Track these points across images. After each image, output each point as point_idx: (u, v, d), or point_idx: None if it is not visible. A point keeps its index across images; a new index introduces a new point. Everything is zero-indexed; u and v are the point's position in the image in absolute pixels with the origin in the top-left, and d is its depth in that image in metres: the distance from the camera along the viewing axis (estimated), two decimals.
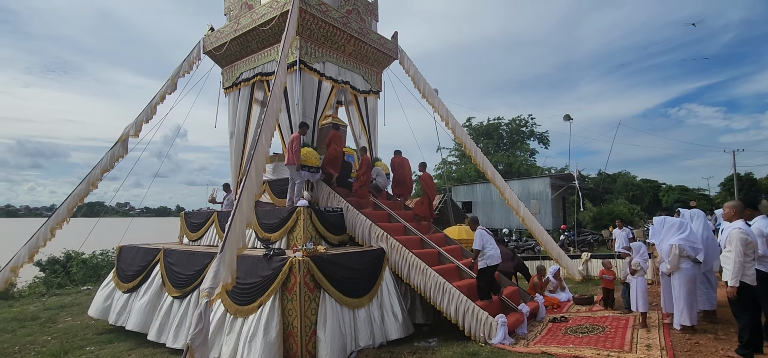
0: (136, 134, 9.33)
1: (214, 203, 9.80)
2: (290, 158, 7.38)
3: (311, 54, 8.43)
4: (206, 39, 9.86)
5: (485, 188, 25.37)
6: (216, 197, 9.83)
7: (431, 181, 9.12)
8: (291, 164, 7.42)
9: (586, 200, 27.45)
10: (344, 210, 7.68)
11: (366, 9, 9.85)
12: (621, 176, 36.98)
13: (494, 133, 38.08)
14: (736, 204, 4.93)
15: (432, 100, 10.54)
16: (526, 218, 11.00)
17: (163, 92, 9.46)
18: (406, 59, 10.51)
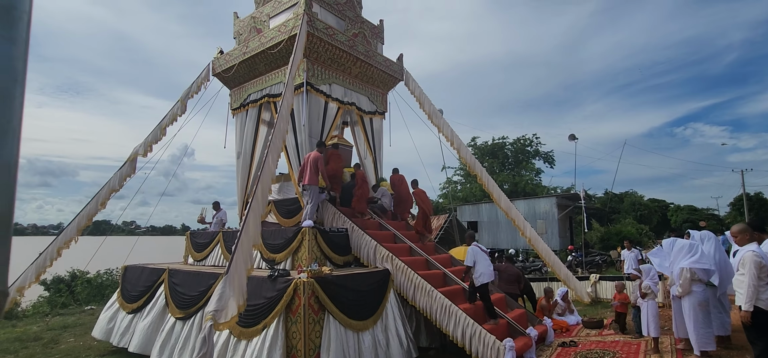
0: (144, 154, 9.45)
1: (203, 223, 9.74)
2: (312, 178, 7.37)
3: (318, 76, 8.56)
4: (215, 61, 10.07)
5: (491, 207, 25.20)
6: (205, 217, 9.76)
7: (425, 196, 9.17)
8: (312, 184, 7.41)
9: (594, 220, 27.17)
10: (349, 230, 7.65)
11: (372, 32, 10.04)
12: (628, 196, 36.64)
13: (499, 152, 38.07)
14: (743, 228, 4.85)
15: (437, 120, 10.61)
16: (532, 238, 10.89)
17: (173, 114, 9.62)
18: (411, 80, 10.64)
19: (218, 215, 9.76)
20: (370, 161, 10.17)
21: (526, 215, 20.71)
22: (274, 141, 6.27)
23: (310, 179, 7.39)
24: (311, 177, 7.39)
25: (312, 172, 7.40)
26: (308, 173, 7.40)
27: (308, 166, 7.44)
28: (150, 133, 9.65)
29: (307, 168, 7.43)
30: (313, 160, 7.46)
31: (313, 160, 7.46)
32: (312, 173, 7.39)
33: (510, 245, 23.81)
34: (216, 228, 9.48)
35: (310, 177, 7.39)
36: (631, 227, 26.51)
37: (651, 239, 25.31)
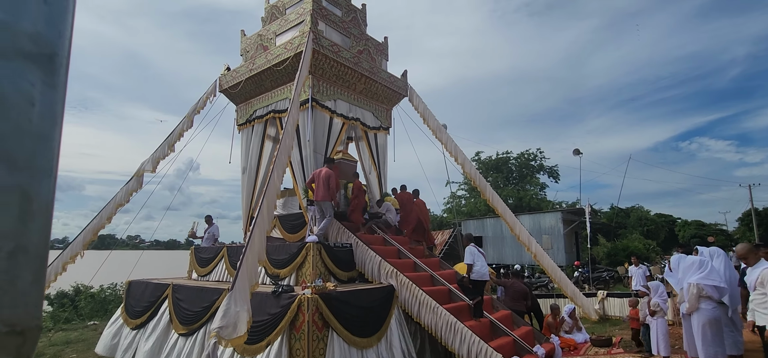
0: (152, 170, 9.54)
1: (195, 237, 9.68)
2: (324, 194, 7.38)
3: (323, 92, 8.66)
4: (222, 78, 10.23)
5: (495, 222, 25.07)
6: (196, 231, 9.69)
7: (424, 207, 9.17)
8: (325, 200, 7.43)
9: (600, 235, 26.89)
10: (354, 246, 7.64)
11: (376, 49, 10.18)
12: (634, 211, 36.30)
13: (503, 167, 38.02)
14: (749, 248, 4.80)
15: (440, 135, 10.65)
16: (538, 254, 10.80)
17: (180, 129, 9.74)
18: (415, 96, 10.73)
19: (210, 229, 9.69)
20: (375, 176, 10.20)
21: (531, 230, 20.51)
22: (279, 157, 6.32)
23: (323, 195, 7.40)
24: (324, 193, 7.41)
25: (324, 188, 7.41)
26: (321, 190, 7.40)
27: (320, 182, 7.45)
28: (158, 149, 9.76)
29: (320, 184, 7.44)
30: (326, 177, 7.48)
31: (325, 177, 7.48)
32: (324, 189, 7.41)
33: (515, 261, 23.59)
34: (208, 243, 9.42)
35: (322, 193, 7.40)
36: (638, 243, 26.20)
37: (659, 255, 24.98)
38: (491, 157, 38.39)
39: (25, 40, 0.38)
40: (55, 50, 0.40)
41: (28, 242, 0.36)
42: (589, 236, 19.04)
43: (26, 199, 0.36)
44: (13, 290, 0.35)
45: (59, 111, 0.39)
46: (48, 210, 0.39)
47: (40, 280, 0.36)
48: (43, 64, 0.39)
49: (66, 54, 0.42)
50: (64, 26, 0.42)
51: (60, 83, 0.40)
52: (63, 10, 0.42)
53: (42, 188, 0.38)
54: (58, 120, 0.39)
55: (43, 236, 0.38)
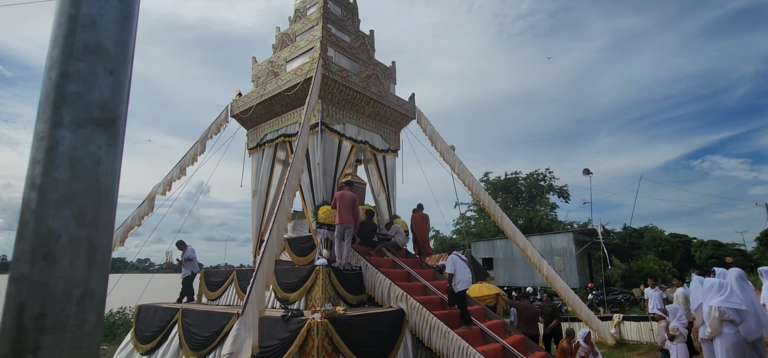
0: (164, 193, 9.70)
1: (171, 265, 9.44)
2: (347, 217, 7.44)
3: (332, 116, 8.82)
4: (234, 103, 10.48)
5: (506, 243, 24.77)
6: (172, 260, 9.37)
7: (421, 220, 9.12)
8: (349, 223, 7.48)
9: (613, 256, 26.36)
10: (363, 269, 7.61)
11: (384, 73, 10.37)
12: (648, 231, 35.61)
13: (512, 187, 37.81)
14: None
15: (448, 157, 10.69)
16: (550, 276, 10.61)
17: (193, 154, 9.93)
18: (423, 118, 10.84)
19: (185, 254, 9.41)
20: (384, 198, 10.23)
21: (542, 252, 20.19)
22: (289, 180, 6.40)
23: (347, 218, 7.47)
24: (348, 217, 7.48)
25: (349, 212, 7.49)
26: (345, 213, 7.46)
27: (344, 206, 7.49)
28: (170, 172, 9.94)
29: (343, 207, 7.48)
30: (351, 201, 7.54)
31: (350, 200, 7.54)
32: (349, 213, 7.49)
33: (527, 283, 23.18)
34: (187, 268, 9.23)
35: (346, 216, 7.47)
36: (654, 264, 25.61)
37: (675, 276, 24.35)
38: (500, 178, 38.25)
39: (96, 108, 0.43)
40: (117, 113, 0.46)
41: (94, 288, 0.40)
42: (604, 256, 18.69)
43: (92, 249, 0.40)
44: (80, 333, 0.39)
45: (118, 167, 0.44)
46: (107, 257, 0.43)
47: (101, 322, 0.40)
48: (107, 128, 0.44)
49: (124, 114, 0.47)
50: (124, 92, 0.47)
51: (120, 142, 0.45)
52: (124, 78, 0.47)
53: (104, 237, 0.43)
54: (117, 175, 0.44)
55: (103, 281, 0.42)
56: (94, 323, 0.40)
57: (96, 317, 0.40)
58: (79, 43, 0.43)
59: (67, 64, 0.42)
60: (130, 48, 0.48)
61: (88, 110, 0.43)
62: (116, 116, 0.45)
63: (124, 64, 0.46)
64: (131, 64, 0.47)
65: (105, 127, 0.44)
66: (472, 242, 28.36)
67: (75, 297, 0.38)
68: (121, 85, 0.46)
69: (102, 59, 0.44)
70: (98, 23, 0.45)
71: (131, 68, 0.48)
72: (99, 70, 0.44)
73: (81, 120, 0.41)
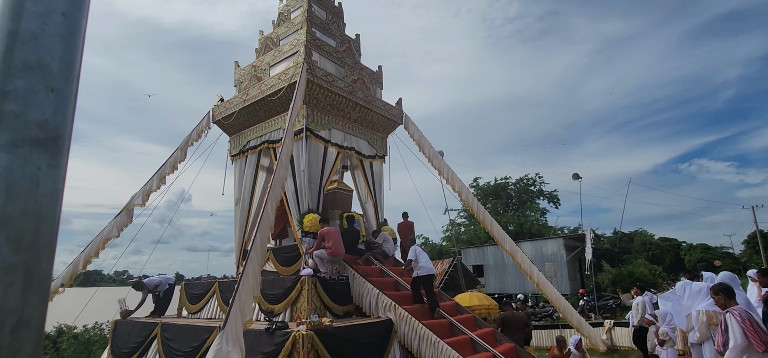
0: (142, 203, 9.52)
1: (128, 315, 8.60)
2: (341, 250, 7.56)
3: (317, 121, 8.80)
4: (216, 109, 10.38)
5: (497, 250, 24.96)
6: (126, 307, 8.65)
7: (405, 228, 9.36)
8: (340, 255, 7.59)
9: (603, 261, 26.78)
10: (350, 279, 7.58)
11: (371, 78, 10.41)
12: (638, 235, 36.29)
13: (502, 193, 38.17)
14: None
15: (437, 163, 10.75)
16: (540, 283, 10.71)
17: (173, 162, 9.79)
18: (411, 124, 10.90)
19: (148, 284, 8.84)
20: (371, 205, 10.22)
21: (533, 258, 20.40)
22: (273, 188, 6.35)
23: (339, 251, 7.62)
24: (341, 249, 7.64)
25: (340, 245, 7.64)
26: (339, 246, 7.58)
27: (335, 240, 7.57)
28: (148, 181, 9.78)
29: (335, 241, 7.54)
30: (337, 235, 7.67)
31: (337, 235, 7.66)
32: (341, 246, 7.65)
33: (518, 289, 23.37)
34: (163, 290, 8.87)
35: (340, 249, 7.62)
36: (644, 268, 26.08)
37: (665, 281, 24.83)
38: (489, 183, 38.59)
39: (35, 127, 0.43)
40: (60, 133, 0.45)
41: (30, 316, 0.39)
42: (592, 261, 18.95)
43: (29, 275, 0.39)
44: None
45: (61, 188, 0.43)
46: (46, 283, 0.42)
47: (38, 351, 0.39)
48: (48, 147, 0.43)
49: (69, 133, 0.47)
50: (68, 110, 0.46)
51: (62, 162, 0.44)
52: (68, 95, 0.46)
53: (43, 262, 0.42)
54: (59, 197, 0.43)
55: (42, 308, 0.41)
56: (30, 353, 0.39)
57: (32, 346, 0.39)
58: (18, 60, 0.41)
59: (5, 83, 0.41)
60: (76, 64, 0.47)
61: (27, 130, 0.41)
62: (58, 135, 0.44)
63: (69, 81, 0.45)
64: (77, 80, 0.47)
65: (45, 147, 0.43)
66: (462, 249, 28.50)
67: (8, 326, 0.37)
68: (64, 103, 0.45)
69: (43, 76, 0.44)
70: (39, 39, 0.45)
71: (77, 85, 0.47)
72: (39, 88, 0.43)
73: (18, 140, 0.40)
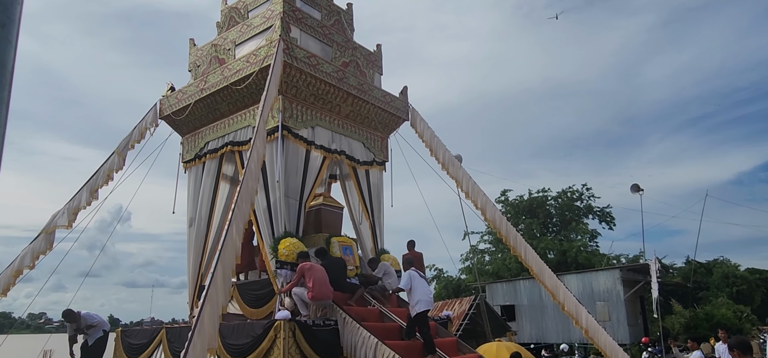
0: (68, 225, 9.53)
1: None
2: (327, 293, 7.57)
3: (297, 117, 8.86)
4: (164, 101, 10.45)
5: (532, 284, 24.87)
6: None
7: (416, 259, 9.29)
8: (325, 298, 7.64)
9: (674, 300, 26.71)
10: (340, 323, 7.56)
11: (367, 60, 10.50)
12: (718, 265, 36.20)
13: (539, 210, 38.18)
14: None
15: (454, 171, 10.78)
16: (590, 328, 10.67)
17: (108, 171, 9.83)
18: (420, 120, 10.96)
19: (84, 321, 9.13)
20: (367, 226, 10.24)
21: (580, 296, 20.29)
22: (239, 203, 6.36)
23: (325, 294, 7.64)
24: (326, 292, 7.67)
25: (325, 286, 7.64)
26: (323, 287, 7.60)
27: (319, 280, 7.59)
28: (76, 196, 9.79)
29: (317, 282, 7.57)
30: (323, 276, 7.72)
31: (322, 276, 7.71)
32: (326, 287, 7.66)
33: (561, 338, 23.24)
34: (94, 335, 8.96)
35: (325, 292, 7.63)
36: (727, 309, 25.96)
37: (755, 326, 24.72)
38: (522, 197, 38.62)
39: None
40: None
41: None
42: (659, 300, 18.91)
43: None
44: None
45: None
46: None
47: None
48: None
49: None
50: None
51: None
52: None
53: None
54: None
55: None
56: None
57: None
58: None
59: None
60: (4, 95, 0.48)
61: None
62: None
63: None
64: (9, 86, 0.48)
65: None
66: (487, 284, 28.43)
67: None
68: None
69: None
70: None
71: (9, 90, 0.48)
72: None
73: None
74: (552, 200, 38.79)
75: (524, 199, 38.64)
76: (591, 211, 38.52)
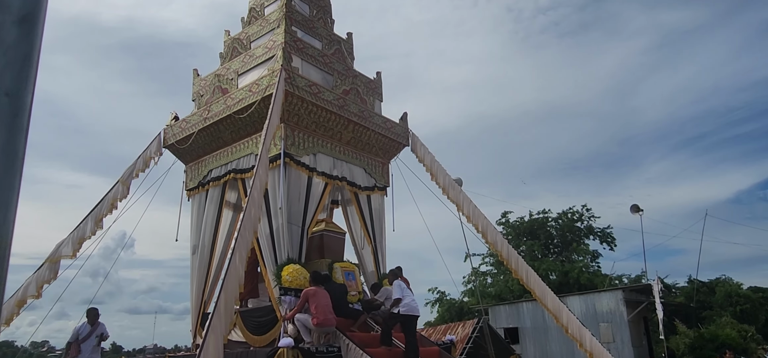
0: (72, 255, 9.52)
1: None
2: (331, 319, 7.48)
3: (299, 145, 8.92)
4: (168, 130, 10.54)
5: (535, 307, 24.66)
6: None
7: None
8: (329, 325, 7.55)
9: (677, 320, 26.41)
10: (343, 350, 7.50)
11: (367, 87, 10.62)
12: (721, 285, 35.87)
13: (540, 231, 38.02)
14: None
15: (454, 195, 10.80)
16: (595, 351, 10.56)
17: (112, 199, 9.86)
18: (420, 145, 11.02)
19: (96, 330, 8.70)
20: (370, 251, 10.23)
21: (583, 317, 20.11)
22: (242, 234, 6.38)
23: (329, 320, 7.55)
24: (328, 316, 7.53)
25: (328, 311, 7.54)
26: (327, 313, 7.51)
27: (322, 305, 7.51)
28: (81, 224, 9.80)
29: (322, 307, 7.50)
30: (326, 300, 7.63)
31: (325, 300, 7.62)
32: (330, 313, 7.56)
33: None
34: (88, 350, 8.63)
35: (329, 318, 7.53)
36: (731, 329, 25.65)
37: (760, 345, 24.40)
38: (523, 219, 38.48)
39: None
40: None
41: None
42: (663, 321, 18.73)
43: None
44: None
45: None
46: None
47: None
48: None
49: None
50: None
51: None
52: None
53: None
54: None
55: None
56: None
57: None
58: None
59: None
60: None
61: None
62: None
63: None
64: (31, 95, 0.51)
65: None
66: (489, 307, 28.16)
67: None
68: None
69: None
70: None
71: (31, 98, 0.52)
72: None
73: None
74: (552, 222, 38.64)
75: (525, 220, 38.51)
76: (592, 232, 38.33)
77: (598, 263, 36.99)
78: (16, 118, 0.53)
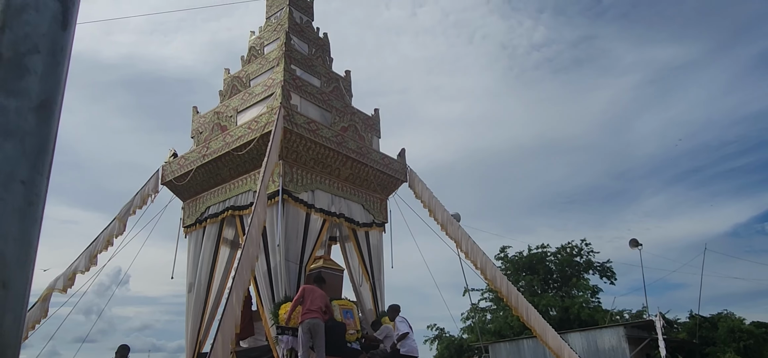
0: (63, 289, 9.43)
1: None
2: (314, 313, 7.38)
3: (297, 182, 8.95)
4: (166, 167, 10.56)
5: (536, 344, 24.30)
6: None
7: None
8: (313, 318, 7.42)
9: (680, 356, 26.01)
10: None
11: (365, 124, 10.72)
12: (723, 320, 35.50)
13: (539, 266, 37.75)
14: None
15: (453, 231, 10.78)
16: None
17: (108, 236, 9.81)
18: (418, 181, 11.06)
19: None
20: (368, 288, 10.13)
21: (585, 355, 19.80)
22: (240, 269, 6.34)
23: (313, 313, 7.44)
24: (314, 311, 7.45)
25: (316, 307, 7.46)
26: (311, 310, 7.43)
27: (309, 299, 7.49)
28: (76, 261, 9.72)
29: (309, 301, 7.48)
30: (322, 298, 7.62)
31: (321, 297, 7.62)
32: (316, 309, 7.46)
33: None
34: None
35: (313, 312, 7.43)
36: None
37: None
38: (521, 254, 38.26)
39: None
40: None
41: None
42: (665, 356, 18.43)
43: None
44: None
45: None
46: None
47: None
48: None
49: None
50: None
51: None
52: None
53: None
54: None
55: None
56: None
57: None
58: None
59: None
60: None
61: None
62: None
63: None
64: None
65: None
66: (489, 344, 27.73)
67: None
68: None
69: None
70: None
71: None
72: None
73: None
74: (551, 256, 38.44)
75: (524, 255, 38.30)
76: (591, 266, 38.10)
77: (598, 298, 36.62)
78: (31, 207, 0.54)
